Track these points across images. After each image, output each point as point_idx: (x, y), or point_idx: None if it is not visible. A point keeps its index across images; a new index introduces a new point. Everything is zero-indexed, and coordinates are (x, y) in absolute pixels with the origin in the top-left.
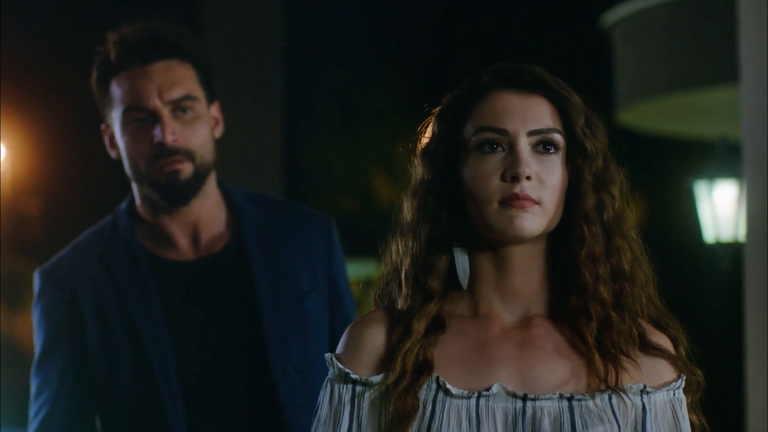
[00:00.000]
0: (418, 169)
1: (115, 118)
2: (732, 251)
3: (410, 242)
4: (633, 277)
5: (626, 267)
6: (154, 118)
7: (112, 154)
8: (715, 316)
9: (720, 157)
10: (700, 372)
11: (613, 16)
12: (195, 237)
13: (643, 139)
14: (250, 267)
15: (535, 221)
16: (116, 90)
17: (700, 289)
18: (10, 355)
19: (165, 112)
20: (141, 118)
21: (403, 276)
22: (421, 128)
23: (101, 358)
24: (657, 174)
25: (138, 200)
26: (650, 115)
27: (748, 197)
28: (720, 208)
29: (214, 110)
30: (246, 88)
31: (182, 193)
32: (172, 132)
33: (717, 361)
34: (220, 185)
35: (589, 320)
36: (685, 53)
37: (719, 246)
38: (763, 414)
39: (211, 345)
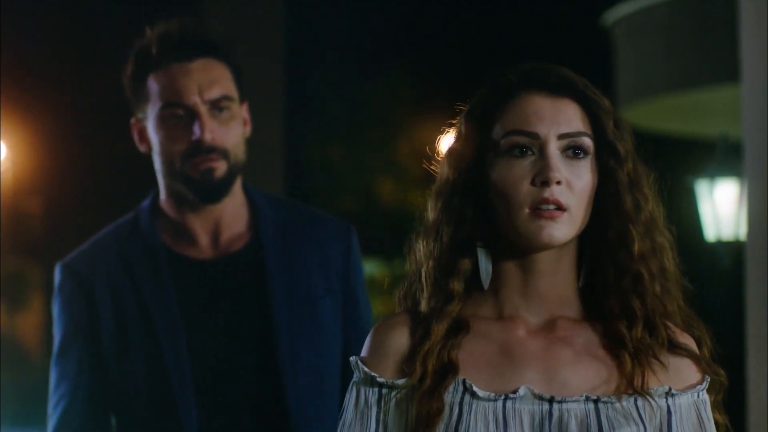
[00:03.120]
0: (443, 169)
1: (151, 113)
2: (733, 250)
3: (432, 243)
4: (673, 277)
5: (669, 265)
6: (192, 115)
7: (142, 148)
8: (716, 314)
9: (721, 156)
10: (723, 372)
11: (614, 14)
12: (215, 235)
13: (644, 138)
14: (266, 268)
15: (564, 230)
16: (154, 85)
17: (701, 288)
18: (10, 355)
19: (204, 110)
20: (179, 115)
21: (424, 277)
22: (446, 128)
23: (116, 353)
24: (658, 173)
25: (163, 196)
26: (651, 114)
27: (749, 196)
28: (721, 207)
29: (244, 110)
30: (247, 85)
31: (215, 191)
32: (210, 130)
33: (718, 360)
34: (244, 186)
35: (631, 321)
36: (686, 52)
37: (720, 245)
38: (764, 413)
39: (225, 343)
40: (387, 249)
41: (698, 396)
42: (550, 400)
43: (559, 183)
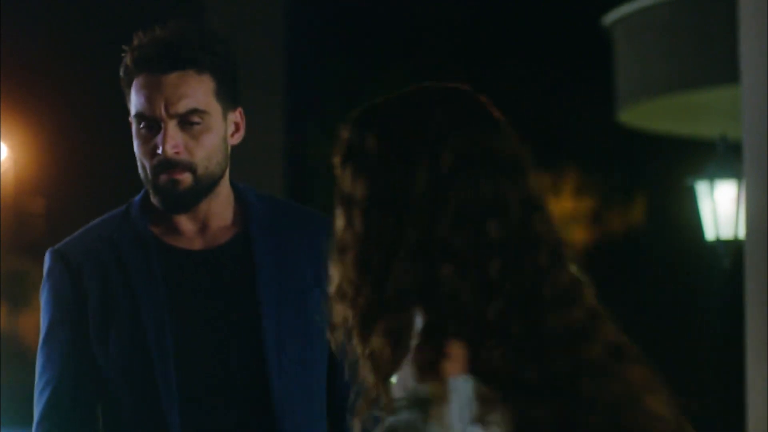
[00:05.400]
0: None
1: (132, 120)
2: (733, 249)
3: None
4: None
5: None
6: (159, 128)
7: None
8: (716, 312)
9: (721, 157)
10: None
11: (614, 15)
12: (203, 228)
13: (645, 139)
14: (254, 260)
15: None
16: (134, 93)
17: (701, 286)
18: (11, 354)
19: (170, 124)
20: (149, 126)
21: None
22: None
23: (101, 338)
24: (658, 173)
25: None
26: (651, 115)
27: (748, 196)
28: (721, 207)
29: (236, 116)
30: (248, 85)
31: (180, 202)
32: (173, 145)
33: (718, 358)
34: (233, 185)
35: None
36: (686, 52)
37: (720, 244)
38: (763, 409)
39: (211, 333)
40: None
41: None
42: None
43: None
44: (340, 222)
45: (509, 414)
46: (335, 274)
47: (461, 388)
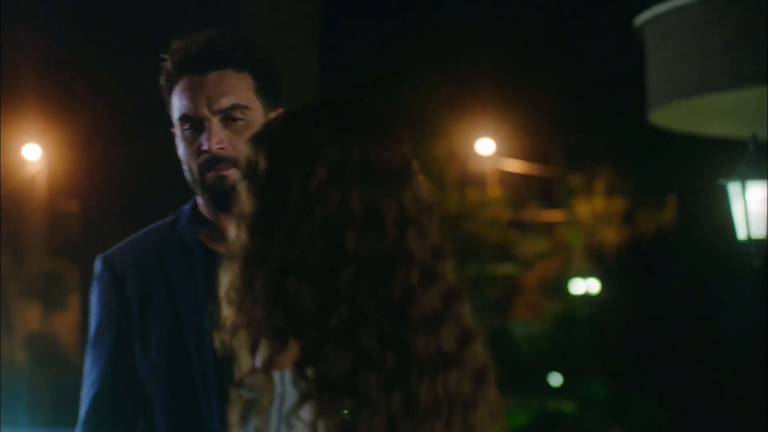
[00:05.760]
0: None
1: (176, 124)
2: (764, 248)
3: None
4: None
5: None
6: (203, 127)
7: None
8: (747, 311)
9: (752, 157)
10: None
11: (646, 15)
12: None
13: (676, 139)
14: None
15: None
16: (176, 98)
17: (730, 285)
18: (47, 354)
19: (214, 121)
20: (192, 127)
21: None
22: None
23: (142, 340)
24: (689, 173)
25: (200, 199)
26: (682, 116)
27: None
28: (752, 206)
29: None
30: (282, 85)
31: (229, 197)
32: (218, 141)
33: (749, 357)
34: None
35: None
36: (717, 53)
37: (752, 243)
38: None
39: None
40: None
41: None
42: None
43: None
44: (232, 231)
45: (334, 416)
46: (224, 278)
47: (285, 382)
